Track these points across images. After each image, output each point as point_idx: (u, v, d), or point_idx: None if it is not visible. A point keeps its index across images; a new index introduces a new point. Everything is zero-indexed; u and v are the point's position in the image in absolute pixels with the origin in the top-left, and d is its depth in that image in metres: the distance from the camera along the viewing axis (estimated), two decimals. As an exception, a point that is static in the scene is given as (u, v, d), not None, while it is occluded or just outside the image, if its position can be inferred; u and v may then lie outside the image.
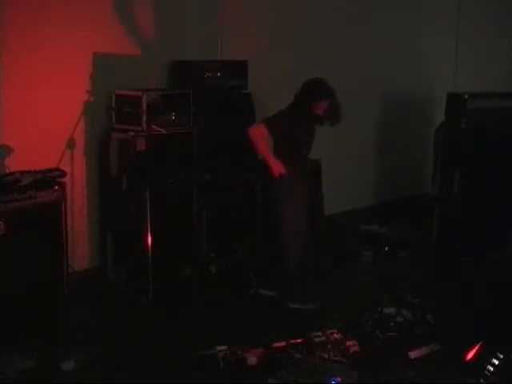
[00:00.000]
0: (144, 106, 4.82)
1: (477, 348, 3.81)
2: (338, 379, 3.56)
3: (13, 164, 4.53)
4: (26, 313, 4.13)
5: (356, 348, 3.99)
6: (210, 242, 5.34)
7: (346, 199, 6.85)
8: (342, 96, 6.74)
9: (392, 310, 4.44)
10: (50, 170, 4.44)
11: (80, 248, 5.07)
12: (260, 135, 4.68)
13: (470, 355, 3.81)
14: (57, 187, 4.36)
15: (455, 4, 7.88)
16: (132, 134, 4.85)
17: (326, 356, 3.89)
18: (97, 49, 5.01)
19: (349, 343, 4.01)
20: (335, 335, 4.08)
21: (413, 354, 3.97)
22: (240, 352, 3.87)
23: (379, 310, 4.44)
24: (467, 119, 5.80)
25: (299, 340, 4.02)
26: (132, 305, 4.77)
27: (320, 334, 4.08)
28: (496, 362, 3.50)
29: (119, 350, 4.08)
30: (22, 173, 4.30)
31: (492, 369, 3.49)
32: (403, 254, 5.97)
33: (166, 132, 4.89)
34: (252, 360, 3.83)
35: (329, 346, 3.96)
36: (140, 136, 4.84)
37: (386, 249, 6.02)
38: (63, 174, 4.51)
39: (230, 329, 4.35)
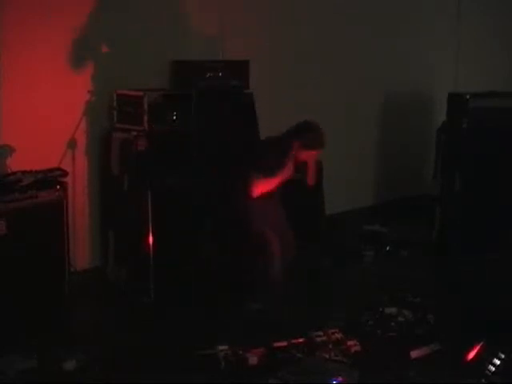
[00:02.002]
0: (145, 105, 4.82)
1: (478, 348, 3.82)
2: (339, 379, 3.55)
3: (14, 164, 4.53)
4: (26, 313, 4.13)
5: (357, 348, 3.99)
6: (211, 242, 5.33)
7: (346, 199, 6.85)
8: (342, 96, 6.82)
9: (393, 309, 4.45)
10: (51, 170, 4.44)
11: (81, 248, 5.07)
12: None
13: (471, 355, 3.81)
14: (58, 187, 4.37)
15: (455, 4, 7.88)
16: (133, 133, 4.85)
17: (327, 356, 3.89)
18: (98, 49, 5.01)
19: (350, 343, 4.01)
20: (336, 335, 4.07)
21: (413, 354, 3.97)
22: (241, 352, 3.87)
23: (380, 309, 4.44)
24: (468, 119, 5.80)
25: (300, 340, 4.03)
26: (132, 305, 4.78)
27: (321, 333, 4.08)
28: (497, 362, 3.51)
29: (119, 350, 4.08)
30: (24, 172, 4.30)
31: (493, 369, 3.50)
32: (405, 254, 5.97)
33: (167, 132, 4.88)
34: (253, 360, 3.83)
35: (330, 346, 3.96)
36: (141, 136, 4.84)
37: (388, 248, 6.03)
38: (64, 173, 4.52)
39: (231, 329, 4.35)
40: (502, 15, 8.37)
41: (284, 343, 3.98)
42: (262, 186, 4.67)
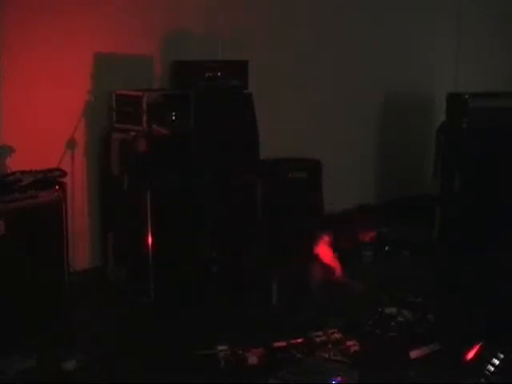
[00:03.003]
0: (144, 106, 4.82)
1: (477, 348, 3.81)
2: (339, 379, 3.55)
3: (13, 164, 4.53)
4: (26, 313, 4.13)
5: (356, 348, 3.99)
6: (210, 242, 5.33)
7: (346, 199, 6.84)
8: (342, 96, 6.82)
9: (393, 309, 4.45)
10: (50, 170, 4.43)
11: (80, 248, 5.07)
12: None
13: (471, 355, 3.80)
14: (57, 187, 4.36)
15: (455, 4, 7.88)
16: (133, 134, 4.85)
17: (327, 356, 3.89)
18: (97, 49, 5.01)
19: (349, 343, 4.01)
20: (336, 335, 4.08)
21: (413, 354, 3.97)
22: (241, 352, 3.86)
23: (380, 309, 4.45)
24: (468, 119, 5.81)
25: (300, 340, 4.03)
26: (132, 305, 4.78)
27: (320, 333, 4.08)
28: (497, 362, 3.51)
29: (119, 350, 4.08)
30: (23, 173, 4.30)
31: (493, 369, 3.50)
32: (406, 254, 5.96)
33: (166, 132, 4.88)
34: (253, 360, 3.83)
35: (329, 346, 3.96)
36: (141, 136, 4.84)
37: (387, 248, 6.02)
38: (64, 173, 4.51)
39: (231, 329, 4.35)
40: (502, 15, 8.37)
41: (283, 343, 3.98)
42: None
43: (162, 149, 4.91)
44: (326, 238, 4.75)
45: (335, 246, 4.81)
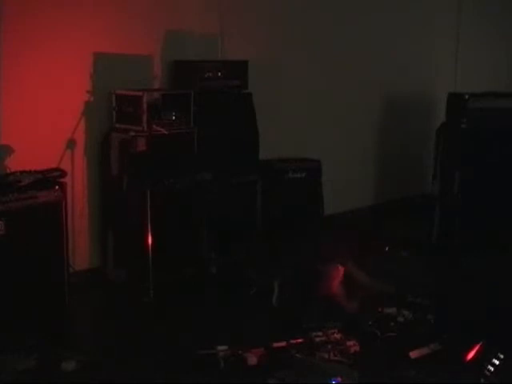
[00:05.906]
0: (144, 105, 4.82)
1: (477, 348, 3.81)
2: (339, 379, 3.55)
3: (13, 164, 4.53)
4: (26, 313, 4.14)
5: (356, 348, 3.99)
6: (210, 242, 5.34)
7: (346, 199, 6.85)
8: (342, 96, 6.82)
9: (393, 309, 4.45)
10: (50, 170, 4.44)
11: (80, 248, 5.07)
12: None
13: (471, 355, 3.80)
14: (57, 187, 4.37)
15: (455, 4, 7.89)
16: (133, 133, 4.85)
17: (327, 356, 3.89)
18: (97, 49, 5.01)
19: (349, 343, 4.00)
20: (335, 335, 4.07)
21: (413, 354, 3.97)
22: (240, 352, 3.87)
23: (379, 310, 4.45)
24: (468, 119, 5.81)
25: (299, 340, 4.02)
26: (132, 305, 4.78)
27: (320, 333, 4.08)
28: (496, 362, 3.51)
29: (119, 350, 4.08)
30: (23, 173, 4.31)
31: (492, 369, 3.50)
32: (405, 254, 5.96)
33: (166, 132, 4.88)
34: (252, 360, 3.83)
35: (329, 346, 3.96)
36: (141, 136, 4.85)
37: (387, 249, 6.02)
38: (63, 174, 4.52)
39: (230, 329, 4.35)
40: (502, 15, 8.38)
41: (283, 343, 3.98)
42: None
43: (161, 149, 4.91)
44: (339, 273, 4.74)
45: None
